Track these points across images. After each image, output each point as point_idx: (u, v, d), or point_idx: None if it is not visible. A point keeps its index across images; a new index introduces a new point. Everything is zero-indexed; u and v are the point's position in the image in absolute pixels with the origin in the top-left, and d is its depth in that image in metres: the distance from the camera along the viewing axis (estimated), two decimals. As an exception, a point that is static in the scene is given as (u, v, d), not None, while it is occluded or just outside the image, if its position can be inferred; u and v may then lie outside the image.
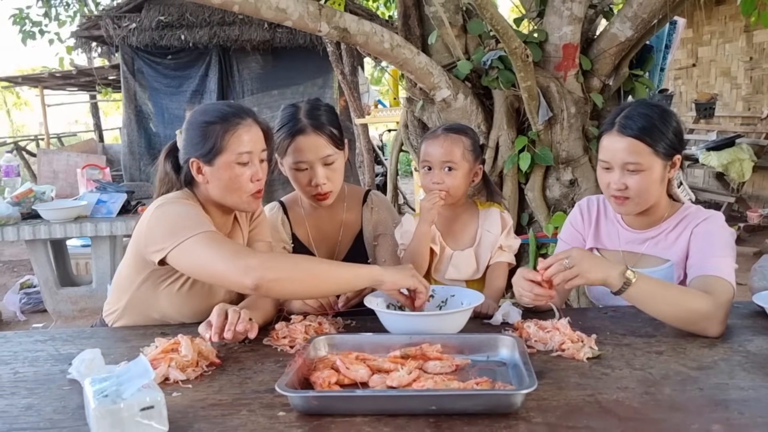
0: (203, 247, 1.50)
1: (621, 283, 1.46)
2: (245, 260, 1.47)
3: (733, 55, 8.42)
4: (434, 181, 1.90)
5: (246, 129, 1.66)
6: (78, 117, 25.20)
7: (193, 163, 1.66)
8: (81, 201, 4.08)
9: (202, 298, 1.73)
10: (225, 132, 1.63)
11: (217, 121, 1.65)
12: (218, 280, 1.56)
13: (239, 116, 1.67)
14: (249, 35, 7.28)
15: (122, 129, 8.05)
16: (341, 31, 3.03)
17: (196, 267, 1.54)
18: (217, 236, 1.55)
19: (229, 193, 1.67)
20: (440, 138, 1.92)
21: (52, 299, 4.19)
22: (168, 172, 1.75)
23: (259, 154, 1.69)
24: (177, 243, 1.52)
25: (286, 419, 1.13)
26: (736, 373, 1.28)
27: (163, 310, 1.74)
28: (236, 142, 1.64)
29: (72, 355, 1.40)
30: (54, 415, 1.19)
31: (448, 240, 1.98)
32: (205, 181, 1.67)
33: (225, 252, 1.50)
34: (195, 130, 1.67)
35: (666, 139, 1.66)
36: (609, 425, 1.07)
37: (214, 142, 1.63)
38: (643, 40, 3.53)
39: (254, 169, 1.67)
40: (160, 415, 1.08)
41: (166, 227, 1.56)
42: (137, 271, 1.70)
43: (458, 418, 1.10)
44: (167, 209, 1.61)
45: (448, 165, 1.89)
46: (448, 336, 1.44)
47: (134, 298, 1.74)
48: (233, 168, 1.64)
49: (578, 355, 1.39)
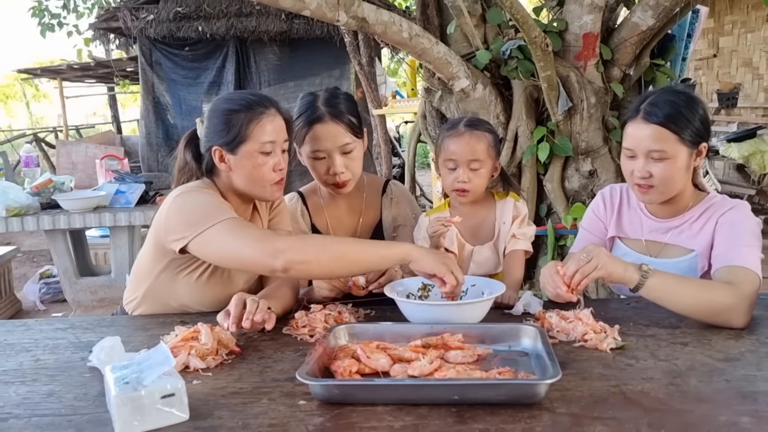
0: (228, 234, 1.50)
1: (639, 277, 1.44)
2: (273, 244, 1.48)
3: (756, 45, 8.25)
4: (460, 180, 1.86)
5: (270, 119, 1.66)
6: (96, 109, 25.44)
7: (216, 151, 1.65)
8: (100, 191, 4.11)
9: (221, 286, 1.73)
10: (249, 121, 1.63)
11: (242, 109, 1.64)
12: (246, 265, 1.56)
13: (263, 105, 1.66)
14: (266, 26, 7.27)
15: (140, 120, 8.09)
16: (359, 21, 3.01)
17: (221, 254, 1.54)
18: (241, 222, 1.55)
19: (252, 182, 1.67)
20: (465, 135, 1.87)
21: (72, 289, 4.23)
22: (188, 161, 1.75)
23: (282, 144, 1.69)
24: (199, 231, 1.52)
25: (306, 408, 1.12)
26: (764, 365, 1.26)
27: (182, 298, 1.74)
28: (260, 131, 1.63)
29: (92, 343, 1.40)
30: (75, 402, 1.19)
31: (467, 236, 1.95)
32: (228, 169, 1.67)
33: (251, 237, 1.50)
34: (218, 118, 1.66)
35: (692, 126, 1.62)
36: (634, 416, 1.05)
37: (239, 130, 1.63)
38: (664, 29, 3.47)
39: (277, 158, 1.67)
40: (180, 402, 1.08)
41: (187, 216, 1.56)
42: (156, 260, 1.70)
43: (480, 408, 1.09)
44: (187, 198, 1.61)
45: (474, 164, 1.86)
46: (469, 326, 1.43)
47: (153, 287, 1.74)
48: (256, 157, 1.64)
49: (601, 346, 1.37)
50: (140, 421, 1.04)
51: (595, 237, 1.89)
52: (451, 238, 1.90)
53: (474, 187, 1.87)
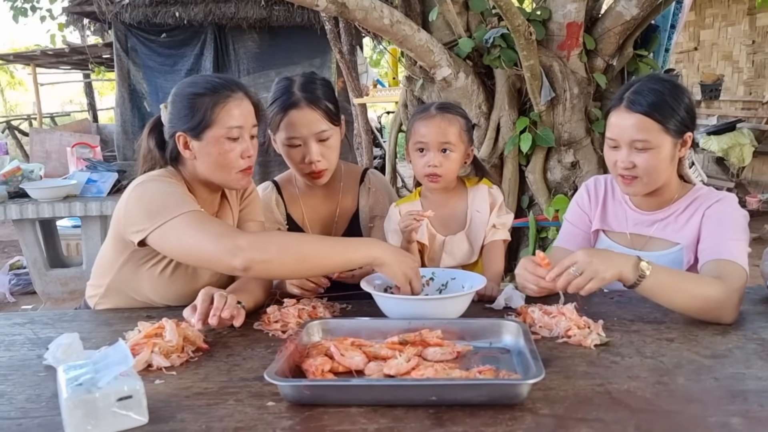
0: (187, 229, 1.42)
1: (636, 276, 1.37)
2: (234, 241, 1.39)
3: (736, 39, 8.31)
4: (431, 163, 1.80)
5: (237, 102, 1.57)
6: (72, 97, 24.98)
7: (180, 137, 1.57)
8: (70, 180, 3.98)
9: (185, 281, 1.65)
10: (215, 104, 1.54)
11: (207, 92, 1.56)
12: (205, 262, 1.48)
13: (230, 88, 1.58)
14: (245, 13, 7.12)
15: (115, 108, 7.91)
16: (339, 6, 2.94)
17: (180, 249, 1.46)
18: (202, 216, 1.47)
19: (218, 169, 1.58)
20: (435, 118, 1.81)
21: (41, 281, 4.10)
22: (151, 148, 1.66)
23: (250, 130, 1.60)
24: (158, 224, 1.44)
25: (275, 409, 1.05)
26: (752, 362, 1.21)
27: (146, 292, 1.66)
28: (226, 115, 1.55)
29: (50, 340, 1.32)
30: (26, 403, 1.11)
31: (438, 226, 1.89)
32: (192, 156, 1.58)
33: (211, 233, 1.41)
34: (182, 102, 1.57)
35: (677, 115, 1.58)
36: (621, 417, 1.00)
37: (203, 115, 1.54)
38: (648, 20, 3.44)
39: (245, 145, 1.58)
40: (139, 405, 1.01)
41: (147, 207, 1.48)
42: (118, 252, 1.62)
43: (460, 409, 1.03)
44: (147, 187, 1.53)
45: (445, 146, 1.80)
46: (449, 321, 1.37)
47: (115, 280, 1.66)
48: (223, 143, 1.55)
49: (585, 342, 1.31)
50: (94, 425, 0.97)
51: (579, 230, 1.84)
52: (422, 230, 1.83)
53: (446, 172, 1.81)
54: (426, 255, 1.89)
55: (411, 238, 1.76)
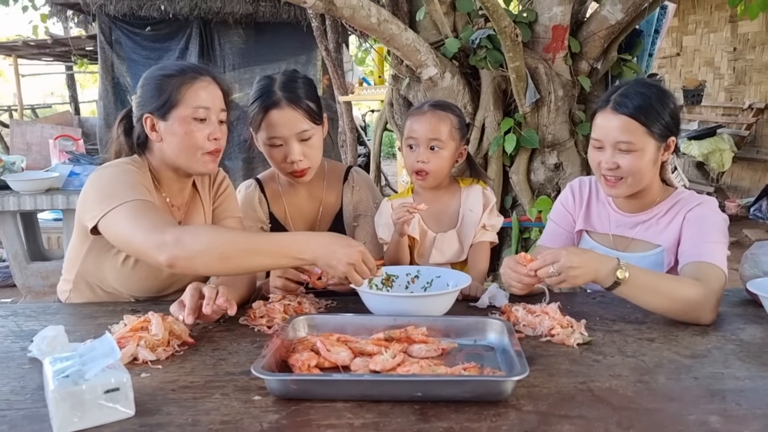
0: (126, 218, 1.41)
1: (611, 282, 1.41)
2: (162, 235, 1.36)
3: (717, 46, 8.41)
4: (419, 159, 1.82)
5: (203, 84, 1.58)
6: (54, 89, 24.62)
7: (147, 119, 1.56)
8: (53, 173, 3.94)
9: (149, 271, 1.63)
10: (181, 84, 1.55)
11: (174, 74, 1.57)
12: (135, 253, 1.46)
13: (197, 71, 1.59)
14: (231, 8, 7.07)
15: (98, 101, 7.81)
16: (327, 3, 2.94)
17: (118, 238, 1.45)
18: (143, 206, 1.44)
19: (183, 151, 1.57)
20: (427, 114, 1.83)
21: (22, 274, 4.05)
22: (119, 135, 1.66)
23: (218, 114, 1.60)
24: (106, 210, 1.43)
25: (261, 403, 1.06)
26: (730, 362, 1.24)
27: (111, 283, 1.65)
28: (193, 95, 1.55)
29: (34, 332, 1.31)
30: (11, 395, 1.10)
31: (429, 223, 1.90)
32: (159, 138, 1.57)
33: (145, 225, 1.39)
34: (150, 85, 1.58)
35: (662, 119, 1.61)
36: (603, 414, 1.02)
37: (169, 94, 1.54)
38: (632, 24, 3.48)
39: (211, 127, 1.58)
40: (125, 397, 1.01)
41: (99, 192, 1.48)
42: (81, 240, 1.62)
43: (445, 405, 1.04)
44: (104, 173, 1.52)
45: (435, 143, 1.81)
46: (434, 318, 1.38)
47: (82, 271, 1.65)
48: (189, 123, 1.55)
49: (568, 341, 1.34)
50: (80, 417, 0.97)
51: (563, 230, 1.87)
52: (413, 224, 1.85)
53: (434, 169, 1.82)
54: (416, 250, 1.90)
55: (403, 231, 1.77)
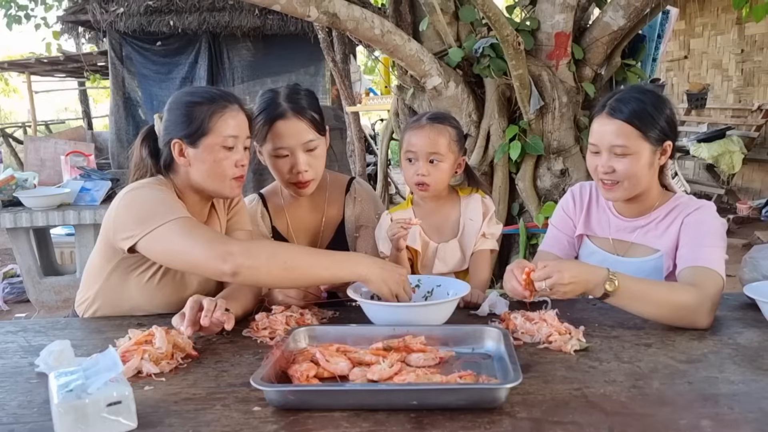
0: (177, 234, 1.46)
1: (601, 293, 1.44)
2: (224, 246, 1.43)
3: (725, 48, 8.38)
4: (419, 173, 1.84)
5: (233, 113, 1.62)
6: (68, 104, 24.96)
7: (176, 144, 1.60)
8: (64, 188, 4.01)
9: (173, 288, 1.68)
10: (212, 114, 1.59)
11: (204, 102, 1.60)
12: (195, 267, 1.51)
13: (227, 100, 1.63)
14: (239, 22, 7.18)
15: (110, 116, 7.94)
16: (331, 17, 2.98)
17: (170, 254, 1.49)
18: (192, 222, 1.50)
19: (211, 177, 1.62)
20: (425, 128, 1.84)
21: (35, 289, 4.12)
22: (144, 157, 1.69)
23: (244, 141, 1.65)
24: (148, 230, 1.47)
25: (261, 414, 1.08)
26: (725, 366, 1.25)
27: (134, 300, 1.68)
28: (223, 124, 1.60)
29: (42, 347, 1.34)
30: (18, 409, 1.14)
31: (431, 233, 1.92)
32: (187, 163, 1.62)
33: (202, 238, 1.45)
34: (179, 110, 1.62)
35: (657, 124, 1.62)
36: (595, 420, 1.03)
37: (201, 123, 1.58)
38: (635, 30, 3.50)
39: (239, 154, 1.63)
40: (128, 410, 1.03)
41: (137, 213, 1.51)
42: (107, 259, 1.65)
43: (440, 413, 1.06)
44: (137, 194, 1.56)
45: (434, 156, 1.83)
46: (433, 327, 1.40)
47: (104, 287, 1.68)
48: (218, 151, 1.60)
49: (565, 348, 1.35)
50: (84, 430, 0.99)
51: (564, 234, 1.88)
52: (414, 236, 1.87)
53: (434, 182, 1.84)
54: (419, 261, 1.92)
55: (399, 246, 1.79)
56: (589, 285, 1.43)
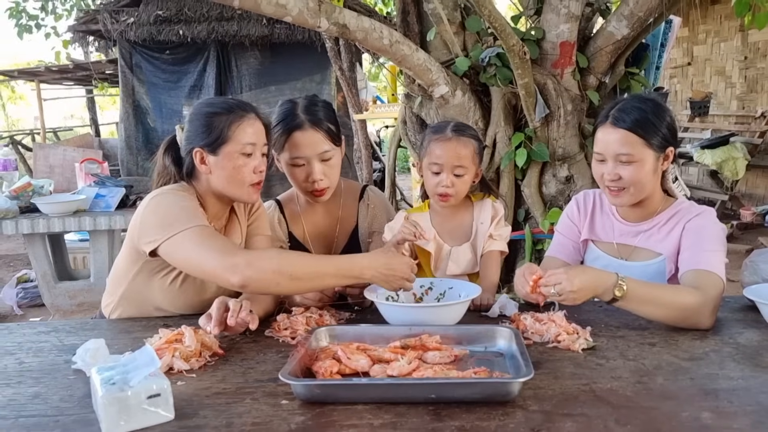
0: (193, 242, 1.53)
1: (610, 298, 1.51)
2: (233, 258, 1.49)
3: (728, 55, 8.45)
4: (444, 184, 1.89)
5: (251, 122, 1.70)
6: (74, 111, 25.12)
7: (197, 153, 1.68)
8: (80, 195, 4.09)
9: (194, 291, 1.75)
10: (231, 123, 1.67)
11: (223, 112, 1.68)
12: (206, 275, 1.58)
13: (244, 109, 1.72)
14: (247, 31, 7.27)
15: (119, 124, 8.04)
16: (341, 27, 3.05)
17: (185, 261, 1.57)
18: (208, 231, 1.57)
19: (231, 183, 1.70)
20: (452, 141, 1.89)
21: (50, 293, 4.20)
22: (167, 165, 1.77)
23: (261, 148, 1.73)
24: (169, 235, 1.54)
25: (289, 407, 1.16)
26: (726, 363, 1.32)
27: (157, 302, 1.76)
28: (241, 133, 1.67)
29: (75, 346, 1.42)
30: (61, 403, 1.21)
31: (445, 237, 1.99)
32: (208, 171, 1.70)
33: (214, 248, 1.51)
34: (199, 120, 1.70)
35: (659, 132, 1.69)
36: (603, 413, 1.10)
37: (220, 132, 1.66)
38: (639, 39, 3.56)
39: (257, 161, 1.71)
40: (166, 402, 1.11)
41: (160, 218, 1.59)
42: (132, 261, 1.72)
43: (457, 406, 1.13)
44: (162, 200, 1.64)
45: (459, 170, 1.89)
46: (447, 327, 1.47)
47: (129, 289, 1.76)
48: (237, 158, 1.67)
49: (573, 347, 1.42)
50: (126, 420, 1.07)
51: (570, 240, 1.95)
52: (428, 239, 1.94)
53: (456, 193, 1.91)
54: (432, 263, 1.99)
55: (398, 247, 1.82)
56: (598, 290, 1.51)
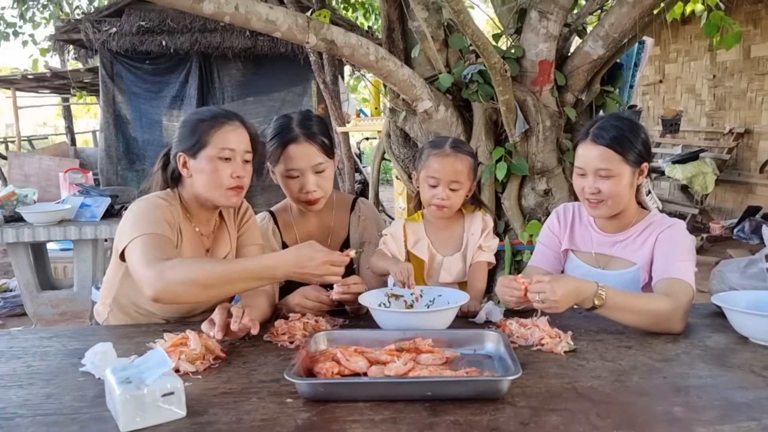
0: (137, 250, 1.60)
1: (590, 306, 1.62)
2: (149, 270, 1.53)
3: (698, 73, 8.75)
4: (440, 197, 1.98)
5: (231, 128, 1.78)
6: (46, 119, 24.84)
7: (180, 157, 1.77)
8: (65, 205, 4.11)
9: None
10: (211, 128, 1.75)
11: (207, 119, 1.78)
12: (139, 286, 1.60)
13: (227, 117, 1.80)
14: (231, 43, 7.33)
15: (100, 133, 8.02)
16: (328, 43, 3.15)
17: (131, 268, 1.63)
18: (154, 240, 1.62)
19: (209, 186, 1.76)
20: (450, 156, 1.99)
21: (33, 302, 4.20)
22: (158, 170, 1.87)
23: (243, 154, 1.79)
24: (128, 240, 1.63)
25: (293, 405, 1.23)
26: (695, 364, 1.43)
27: (145, 306, 1.82)
28: (220, 138, 1.75)
29: (79, 350, 1.50)
30: (74, 402, 1.27)
31: (438, 247, 2.09)
32: (189, 174, 1.78)
33: (144, 259, 1.57)
34: (185, 127, 1.80)
35: (635, 148, 1.82)
36: (585, 408, 1.20)
37: (200, 136, 1.75)
38: (613, 58, 3.72)
39: (235, 166, 1.77)
40: (179, 400, 1.18)
41: (129, 223, 1.68)
42: (118, 265, 1.79)
43: (451, 403, 1.22)
44: (135, 206, 1.73)
45: (455, 185, 1.99)
46: (439, 331, 1.56)
47: (119, 294, 1.83)
48: (215, 162, 1.74)
49: (556, 349, 1.52)
50: (142, 417, 1.14)
51: (551, 250, 2.06)
52: (423, 248, 2.05)
53: (451, 205, 2.01)
54: (425, 272, 2.09)
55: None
56: (579, 299, 1.61)
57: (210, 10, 2.81)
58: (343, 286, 1.75)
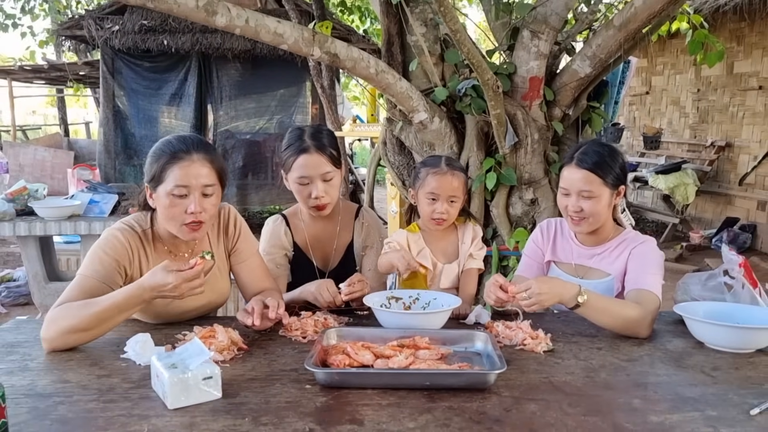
0: (69, 287, 1.76)
1: (574, 304, 1.83)
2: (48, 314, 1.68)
3: (683, 86, 9.02)
4: (440, 211, 2.22)
5: (187, 164, 1.78)
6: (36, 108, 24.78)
7: (147, 188, 1.86)
8: (75, 200, 4.28)
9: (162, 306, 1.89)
10: (166, 164, 1.78)
11: (164, 154, 1.80)
12: None
13: (187, 152, 1.79)
14: (231, 44, 7.47)
15: (99, 128, 8.14)
16: (332, 56, 3.34)
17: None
18: (81, 284, 1.75)
19: (166, 220, 1.84)
20: (447, 175, 2.22)
21: (41, 293, 4.36)
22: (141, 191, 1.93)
23: (201, 189, 1.80)
24: (77, 272, 1.80)
25: (312, 390, 1.45)
26: (656, 364, 1.66)
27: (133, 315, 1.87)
28: (172, 175, 1.77)
29: (112, 340, 1.72)
30: (123, 383, 1.47)
31: (438, 256, 2.32)
32: (154, 205, 1.86)
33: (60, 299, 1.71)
34: (149, 158, 1.85)
35: (614, 172, 2.04)
36: (558, 398, 1.43)
37: (156, 171, 1.79)
38: (600, 76, 3.94)
39: (191, 202, 1.78)
40: (216, 384, 1.39)
41: (88, 252, 1.84)
42: None
43: (446, 391, 1.44)
44: (101, 237, 1.86)
45: (453, 199, 2.23)
46: (434, 331, 1.78)
47: None
48: (168, 198, 1.78)
49: (536, 349, 1.74)
50: (186, 397, 1.34)
51: (535, 261, 2.29)
52: (426, 257, 2.28)
53: (449, 218, 2.25)
54: (429, 279, 2.31)
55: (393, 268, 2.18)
56: (563, 296, 1.82)
57: (222, 23, 3.00)
58: (349, 286, 1.97)
